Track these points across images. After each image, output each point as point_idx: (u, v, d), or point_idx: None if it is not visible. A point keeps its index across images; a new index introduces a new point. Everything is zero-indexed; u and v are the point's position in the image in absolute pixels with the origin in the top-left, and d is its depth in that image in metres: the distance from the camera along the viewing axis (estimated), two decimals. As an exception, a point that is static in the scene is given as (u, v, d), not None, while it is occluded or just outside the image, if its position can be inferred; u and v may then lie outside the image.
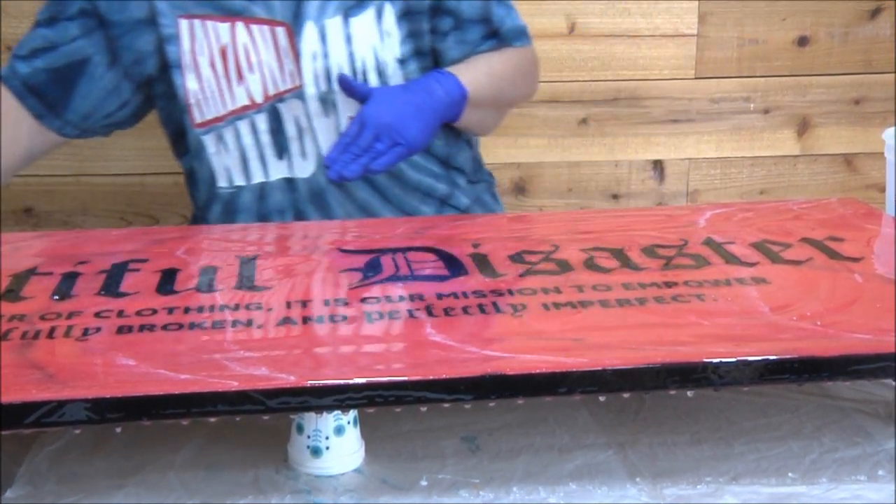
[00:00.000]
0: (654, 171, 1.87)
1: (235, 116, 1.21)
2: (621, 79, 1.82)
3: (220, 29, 1.19)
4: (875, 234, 1.03)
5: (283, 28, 1.19)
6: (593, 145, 1.85)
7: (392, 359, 0.76)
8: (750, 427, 0.87)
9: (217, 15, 1.19)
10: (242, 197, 1.25)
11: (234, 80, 1.21)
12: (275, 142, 1.23)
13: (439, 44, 1.25)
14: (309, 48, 1.19)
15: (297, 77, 1.20)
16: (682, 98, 1.84)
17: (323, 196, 1.24)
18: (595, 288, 0.86)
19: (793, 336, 0.77)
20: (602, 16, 1.79)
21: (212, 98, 1.21)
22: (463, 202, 1.33)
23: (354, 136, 1.13)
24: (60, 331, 0.79)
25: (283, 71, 1.20)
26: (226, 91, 1.21)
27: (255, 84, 1.21)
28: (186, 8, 1.20)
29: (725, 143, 1.87)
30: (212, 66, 1.20)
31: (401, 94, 1.17)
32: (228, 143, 1.23)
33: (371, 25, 1.21)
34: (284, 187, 1.24)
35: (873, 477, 0.79)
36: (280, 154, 1.23)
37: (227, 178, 1.25)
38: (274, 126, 1.22)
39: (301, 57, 1.19)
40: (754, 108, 1.86)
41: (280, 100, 1.21)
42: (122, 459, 0.83)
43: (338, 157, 1.12)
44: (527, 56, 1.32)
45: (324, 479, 0.80)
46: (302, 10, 1.19)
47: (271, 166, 1.24)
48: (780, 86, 1.85)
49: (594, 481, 0.79)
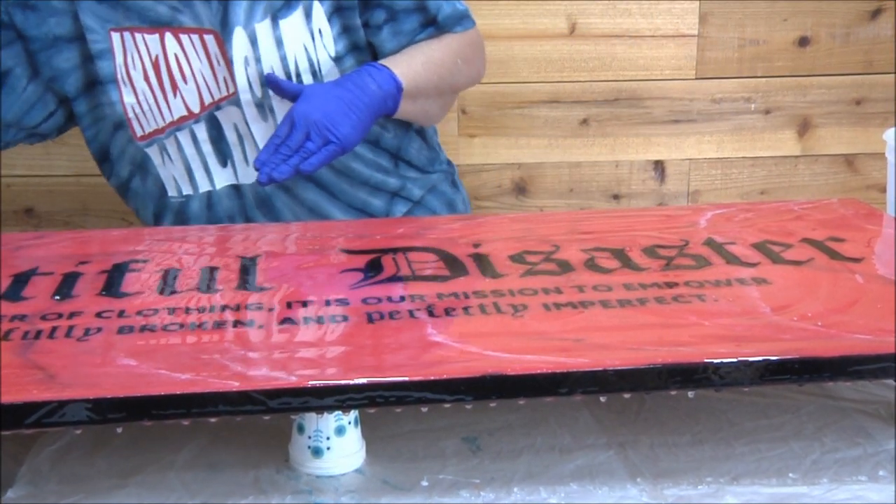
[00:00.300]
0: (655, 172, 1.87)
1: (175, 127, 1.20)
2: (622, 79, 1.82)
3: (150, 40, 1.18)
4: (876, 234, 1.03)
5: (212, 35, 1.17)
6: (594, 145, 1.85)
7: (393, 359, 0.76)
8: (751, 427, 0.87)
9: (145, 27, 1.17)
10: (191, 206, 1.24)
11: (170, 92, 1.19)
12: (216, 150, 1.22)
13: (374, 37, 1.22)
14: (240, 54, 1.17)
15: (231, 84, 1.19)
16: (682, 98, 1.84)
17: (270, 201, 1.23)
18: (596, 288, 0.86)
19: (794, 336, 0.77)
20: (603, 16, 1.79)
21: (150, 111, 1.19)
22: (415, 193, 1.30)
23: (285, 137, 1.11)
24: (61, 331, 0.79)
25: (217, 79, 1.19)
26: (162, 103, 1.19)
27: (191, 94, 1.19)
28: (116, 20, 1.18)
29: (726, 144, 1.87)
30: (146, 78, 1.18)
31: (331, 90, 1.14)
32: (172, 154, 1.22)
33: (301, 25, 1.19)
34: (231, 194, 1.23)
35: (874, 477, 0.79)
36: (223, 162, 1.22)
37: (176, 187, 1.24)
38: (214, 135, 1.21)
39: (233, 63, 1.17)
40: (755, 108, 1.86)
41: (217, 108, 1.20)
42: (123, 459, 0.83)
43: (268, 158, 1.10)
44: (469, 40, 1.28)
45: (325, 479, 0.80)
46: (230, 16, 1.17)
47: (216, 174, 1.23)
48: (781, 86, 1.85)
49: (595, 482, 0.79)
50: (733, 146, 1.88)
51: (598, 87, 1.82)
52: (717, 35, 1.82)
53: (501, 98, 1.81)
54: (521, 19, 1.78)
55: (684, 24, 1.80)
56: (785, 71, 1.85)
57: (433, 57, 1.22)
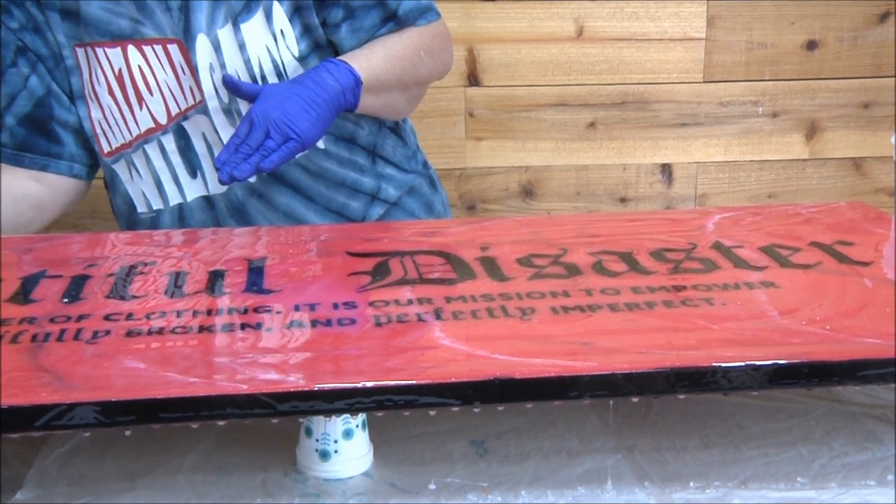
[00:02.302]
0: (663, 175, 1.87)
1: (143, 140, 1.20)
2: (629, 82, 1.82)
3: (112, 54, 1.17)
4: (884, 238, 1.03)
5: (176, 45, 1.17)
6: (601, 149, 1.85)
7: (400, 362, 0.76)
8: (759, 431, 0.87)
9: (106, 41, 1.17)
10: (162, 220, 1.24)
11: (136, 104, 1.18)
12: (186, 161, 1.21)
13: (333, 35, 1.22)
14: (204, 61, 1.17)
15: (197, 92, 1.18)
16: (690, 102, 1.84)
17: (243, 208, 1.23)
18: (604, 292, 0.86)
19: (802, 340, 0.76)
20: (610, 19, 1.79)
21: (115, 126, 1.19)
22: (392, 194, 1.30)
23: (244, 136, 1.10)
24: (70, 334, 0.79)
25: (183, 88, 1.18)
26: (129, 116, 1.19)
27: (157, 105, 1.19)
28: (80, 36, 1.18)
29: (734, 147, 1.87)
30: (110, 93, 1.18)
31: (289, 87, 1.13)
32: (140, 169, 1.22)
33: (262, 28, 1.18)
34: (203, 206, 1.23)
35: (883, 482, 0.79)
36: (193, 173, 1.22)
37: (146, 203, 1.24)
38: (182, 145, 1.20)
39: (198, 71, 1.17)
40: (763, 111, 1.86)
41: (184, 118, 1.19)
42: (132, 462, 0.83)
43: (228, 158, 1.09)
44: (433, 32, 1.26)
45: (332, 482, 0.80)
46: (191, 23, 1.16)
47: (186, 186, 1.22)
48: (789, 89, 1.85)
49: (603, 485, 0.79)
50: (741, 149, 1.88)
51: (606, 90, 1.82)
52: (724, 38, 1.82)
53: (509, 101, 1.81)
54: (529, 22, 1.78)
55: (692, 28, 1.80)
56: (793, 74, 1.85)
57: (394, 50, 1.21)
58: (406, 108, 1.31)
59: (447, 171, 1.81)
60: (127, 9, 1.16)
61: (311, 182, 1.24)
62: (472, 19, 1.75)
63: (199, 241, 1.09)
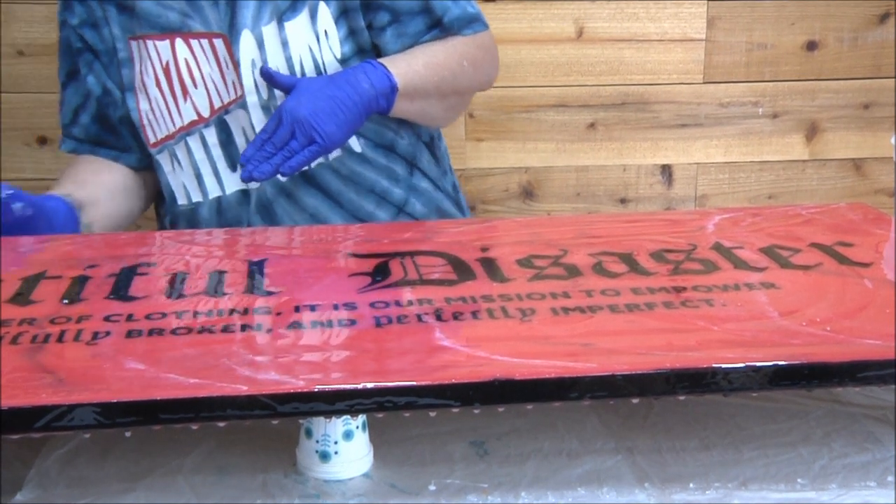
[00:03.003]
0: (663, 176, 1.87)
1: (185, 132, 1.21)
2: (630, 83, 1.82)
3: (161, 47, 1.19)
4: (884, 239, 1.03)
5: (221, 39, 1.18)
6: (601, 150, 1.85)
7: (401, 363, 0.76)
8: (759, 432, 0.87)
9: (156, 33, 1.19)
10: (200, 213, 1.25)
11: (180, 97, 1.20)
12: (226, 154, 1.22)
13: (378, 39, 1.22)
14: (247, 56, 1.18)
15: (239, 87, 1.19)
16: (690, 102, 1.84)
17: (271, 207, 1.23)
18: (604, 293, 0.86)
19: (802, 341, 0.76)
20: (610, 20, 1.79)
21: (161, 117, 1.21)
22: (419, 210, 1.30)
23: (271, 132, 1.11)
24: (70, 335, 0.79)
25: (227, 82, 1.20)
26: (173, 108, 1.20)
27: (201, 98, 1.20)
28: (133, 29, 1.20)
29: (734, 148, 1.87)
30: (157, 84, 1.20)
31: (323, 86, 1.13)
32: (181, 161, 1.23)
33: (306, 27, 1.19)
34: (241, 199, 1.24)
35: (883, 483, 0.79)
36: (233, 166, 1.22)
37: (185, 195, 1.25)
38: (223, 138, 1.21)
39: (240, 66, 1.18)
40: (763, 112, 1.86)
41: (226, 111, 1.20)
42: (132, 463, 0.83)
43: (253, 154, 1.11)
44: (478, 43, 1.27)
45: (332, 483, 0.80)
46: (237, 19, 1.17)
47: (226, 179, 1.23)
48: (789, 90, 1.85)
49: (603, 486, 0.79)
50: (741, 150, 1.88)
51: (606, 91, 1.82)
52: (724, 39, 1.82)
53: (509, 102, 1.81)
54: (529, 23, 1.78)
55: (692, 29, 1.80)
56: (793, 75, 1.84)
57: (436, 57, 1.21)
58: (443, 116, 1.30)
59: (447, 171, 1.81)
60: (177, 3, 1.19)
61: (342, 186, 1.24)
62: (473, 20, 1.75)
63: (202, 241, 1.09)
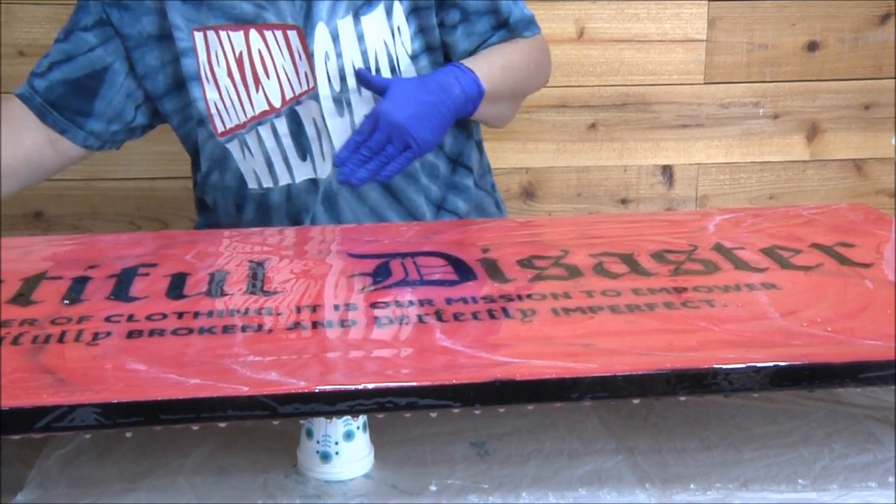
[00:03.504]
0: (663, 176, 1.87)
1: (256, 122, 1.22)
2: (630, 84, 1.82)
3: (234, 37, 1.20)
4: (885, 239, 1.03)
5: (295, 31, 1.19)
6: (602, 150, 1.85)
7: (402, 364, 0.76)
8: (760, 433, 0.87)
9: (230, 24, 1.20)
10: (271, 198, 1.26)
11: (252, 87, 1.21)
12: (297, 144, 1.23)
13: (448, 37, 1.24)
14: (321, 49, 1.19)
15: (311, 79, 1.21)
16: (691, 103, 1.84)
17: (335, 198, 1.24)
18: (604, 293, 0.86)
19: (803, 342, 0.76)
20: (611, 21, 1.79)
21: (231, 107, 1.21)
22: (461, 207, 1.31)
23: (367, 135, 1.12)
24: (71, 335, 0.79)
25: (299, 73, 1.21)
26: (245, 98, 1.21)
27: (273, 89, 1.21)
28: (201, 20, 1.21)
29: (735, 148, 1.87)
30: (229, 74, 1.21)
31: (416, 90, 1.14)
32: (252, 149, 1.23)
33: (382, 22, 1.21)
34: (310, 188, 1.25)
35: (884, 483, 0.79)
36: (303, 156, 1.24)
37: (256, 181, 1.26)
38: (294, 129, 1.23)
39: (314, 58, 1.20)
40: (764, 113, 1.86)
41: (297, 102, 1.22)
42: (132, 463, 0.83)
43: (348, 156, 1.12)
44: (539, 45, 1.30)
45: (333, 484, 0.80)
46: (313, 12, 1.19)
47: (296, 168, 1.24)
48: (790, 91, 1.85)
49: (604, 487, 0.79)
50: (742, 151, 1.87)
51: (607, 91, 1.82)
52: (725, 40, 1.82)
53: (509, 102, 1.80)
54: (530, 24, 1.78)
55: (693, 29, 1.80)
56: (793, 75, 1.84)
57: (512, 61, 1.24)
58: (509, 117, 1.34)
59: (448, 172, 1.81)
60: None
61: (403, 183, 1.25)
62: (473, 21, 1.75)
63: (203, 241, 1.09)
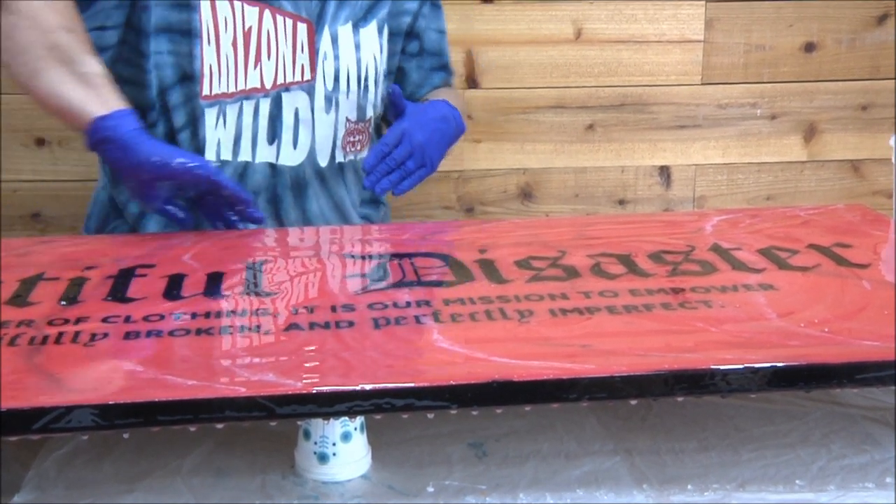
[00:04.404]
0: (661, 177, 1.87)
1: (244, 96, 1.24)
2: (628, 84, 1.82)
3: (249, 11, 1.22)
4: (882, 240, 1.03)
5: (306, 25, 1.24)
6: (600, 151, 1.85)
7: (399, 365, 0.76)
8: (758, 434, 0.87)
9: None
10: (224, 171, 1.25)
11: (252, 62, 1.23)
12: (270, 127, 1.25)
13: (406, 63, 1.35)
14: (323, 48, 1.25)
15: (306, 71, 1.25)
16: (688, 104, 1.84)
17: (305, 186, 1.28)
18: (602, 294, 0.86)
19: (800, 343, 0.76)
20: (609, 22, 1.79)
21: (226, 74, 1.23)
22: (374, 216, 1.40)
23: (392, 147, 1.18)
24: (68, 336, 0.79)
25: (295, 64, 1.24)
26: (241, 71, 1.23)
27: (269, 70, 1.24)
28: None
29: (732, 149, 1.87)
30: (233, 43, 1.22)
31: (431, 117, 1.24)
32: (228, 120, 1.25)
33: (374, 37, 1.29)
34: (266, 172, 1.27)
35: (881, 484, 0.79)
36: (272, 139, 1.26)
37: (216, 153, 1.26)
38: (274, 113, 1.25)
39: (317, 54, 1.24)
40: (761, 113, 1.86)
41: (286, 89, 1.24)
42: (130, 465, 0.83)
43: (375, 164, 1.18)
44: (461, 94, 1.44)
45: (330, 485, 0.80)
46: (324, 13, 1.25)
47: (259, 149, 1.26)
48: (787, 92, 1.85)
49: (601, 488, 0.79)
50: (739, 152, 1.87)
51: (604, 92, 1.82)
52: (722, 41, 1.81)
53: (507, 103, 1.81)
54: (527, 25, 1.78)
55: (690, 30, 1.80)
56: (791, 76, 1.84)
57: (463, 108, 1.35)
58: None
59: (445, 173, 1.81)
60: None
61: (358, 187, 1.33)
62: (471, 21, 1.75)
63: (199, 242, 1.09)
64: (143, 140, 1.09)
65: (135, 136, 1.09)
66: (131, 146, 1.08)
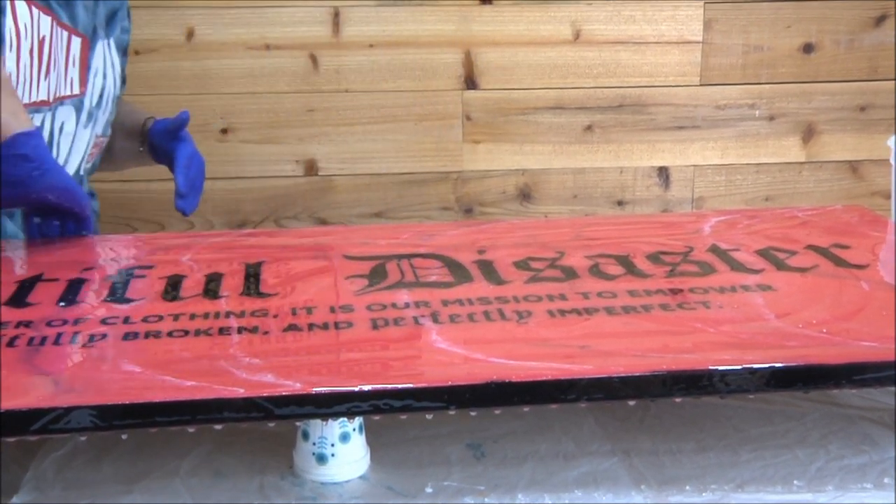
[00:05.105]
0: (659, 178, 1.87)
1: (35, 109, 1.19)
2: (626, 85, 1.82)
3: (43, 20, 1.17)
4: (880, 241, 1.03)
5: (81, 39, 1.22)
6: (598, 152, 1.85)
7: (397, 366, 0.76)
8: (756, 434, 0.87)
9: (42, 5, 1.18)
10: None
11: (43, 73, 1.19)
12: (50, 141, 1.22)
13: None
14: (94, 64, 1.26)
15: (75, 86, 1.23)
16: (687, 105, 1.84)
17: None
18: (601, 295, 0.86)
19: (799, 343, 0.76)
20: (607, 23, 1.79)
21: (23, 84, 1.17)
22: None
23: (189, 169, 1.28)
24: (66, 337, 0.79)
25: (66, 77, 1.22)
26: (35, 82, 1.18)
27: (52, 83, 1.20)
28: None
29: (730, 150, 1.87)
30: (30, 52, 1.16)
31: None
32: None
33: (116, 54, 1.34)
34: None
35: (879, 485, 0.79)
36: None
37: None
38: (50, 127, 1.22)
39: (89, 70, 1.25)
40: (759, 114, 1.86)
41: (61, 103, 1.22)
42: (128, 466, 0.83)
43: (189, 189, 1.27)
44: None
45: (329, 486, 0.80)
46: (95, 29, 1.26)
47: None
48: (786, 92, 1.86)
49: (599, 488, 0.79)
50: (737, 152, 1.88)
51: (603, 93, 1.82)
52: (721, 41, 1.82)
53: (506, 104, 1.81)
54: (526, 26, 1.78)
55: (689, 31, 1.81)
56: (789, 77, 1.85)
57: None
58: None
59: (444, 174, 1.81)
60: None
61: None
62: (469, 23, 1.75)
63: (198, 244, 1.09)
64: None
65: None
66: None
